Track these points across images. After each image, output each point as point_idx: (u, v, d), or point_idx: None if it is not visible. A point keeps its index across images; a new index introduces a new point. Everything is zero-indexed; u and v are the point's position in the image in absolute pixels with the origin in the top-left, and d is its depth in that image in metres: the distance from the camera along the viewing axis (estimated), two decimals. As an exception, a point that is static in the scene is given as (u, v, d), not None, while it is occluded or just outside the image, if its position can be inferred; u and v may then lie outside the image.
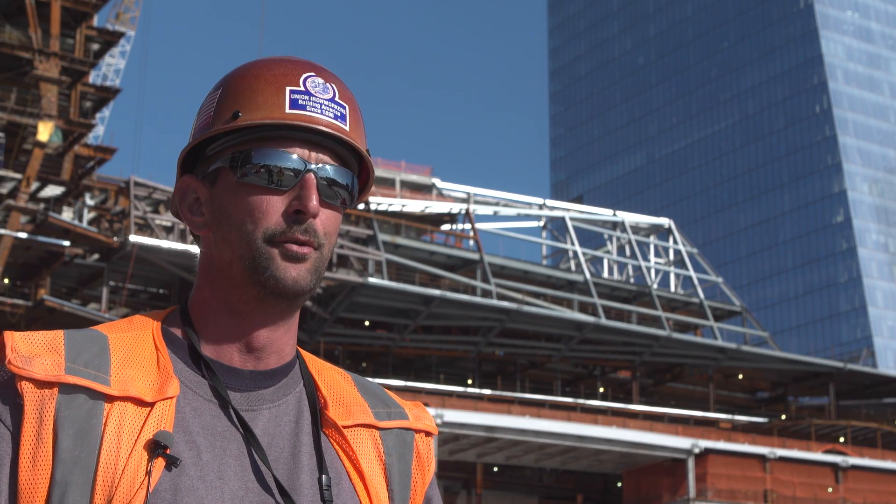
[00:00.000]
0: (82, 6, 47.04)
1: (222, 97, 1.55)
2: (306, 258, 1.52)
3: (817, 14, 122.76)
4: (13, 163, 46.63)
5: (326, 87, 1.55)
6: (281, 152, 1.52)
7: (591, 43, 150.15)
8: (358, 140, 1.56)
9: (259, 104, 1.52)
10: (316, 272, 1.53)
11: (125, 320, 1.58)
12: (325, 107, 1.53)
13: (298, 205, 1.50)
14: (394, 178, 71.56)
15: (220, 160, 1.55)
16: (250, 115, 1.52)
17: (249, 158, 1.52)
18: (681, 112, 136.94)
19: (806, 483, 62.79)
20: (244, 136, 1.53)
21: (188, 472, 1.44)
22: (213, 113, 1.56)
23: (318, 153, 1.53)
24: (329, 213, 1.55)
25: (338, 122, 1.53)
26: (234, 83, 1.56)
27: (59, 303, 45.45)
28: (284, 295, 1.52)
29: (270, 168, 1.51)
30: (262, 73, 1.55)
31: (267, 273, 1.50)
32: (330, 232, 1.55)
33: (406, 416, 1.66)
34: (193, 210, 1.58)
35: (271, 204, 1.51)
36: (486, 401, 62.08)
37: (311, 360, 1.67)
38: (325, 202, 1.54)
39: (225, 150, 1.55)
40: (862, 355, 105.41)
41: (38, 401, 1.44)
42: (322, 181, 1.53)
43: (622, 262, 75.10)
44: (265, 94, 1.52)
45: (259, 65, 1.56)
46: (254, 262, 1.51)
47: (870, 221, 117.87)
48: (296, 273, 1.51)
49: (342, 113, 1.55)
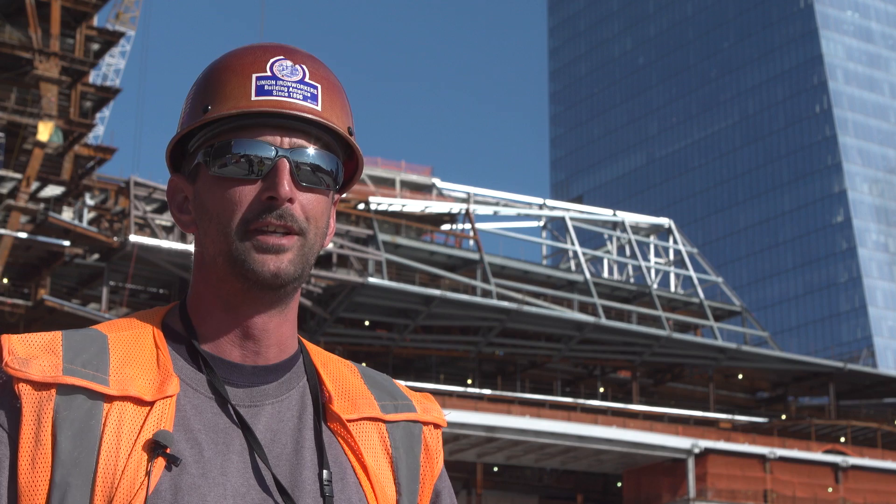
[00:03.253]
0: (82, 6, 47.01)
1: (195, 92, 1.55)
2: (284, 249, 1.49)
3: (817, 14, 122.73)
4: (13, 163, 46.60)
5: (295, 69, 1.52)
6: (252, 141, 1.50)
7: (591, 43, 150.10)
8: (333, 119, 1.53)
9: (227, 95, 1.51)
10: (301, 260, 1.51)
11: (125, 319, 1.57)
12: (292, 89, 1.50)
13: (270, 190, 1.48)
14: (394, 178, 71.56)
15: (198, 156, 1.54)
16: (218, 107, 1.51)
17: (221, 151, 1.50)
18: (681, 112, 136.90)
19: (806, 483, 62.77)
20: (215, 130, 1.52)
21: (190, 471, 1.44)
22: (188, 110, 1.55)
23: (291, 138, 1.51)
24: (311, 196, 1.52)
25: (307, 104, 1.50)
26: (206, 77, 1.55)
27: (59, 303, 45.44)
28: (267, 286, 1.50)
29: (241, 158, 1.49)
30: (231, 64, 1.53)
31: (245, 266, 1.49)
32: (314, 216, 1.52)
33: (414, 408, 1.64)
34: (182, 209, 1.58)
35: (245, 194, 1.49)
36: (486, 401, 62.05)
37: (317, 352, 1.65)
38: (306, 186, 1.51)
39: (201, 145, 1.54)
40: (862, 355, 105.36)
41: (36, 403, 1.43)
42: (301, 165, 1.50)
43: (622, 262, 75.07)
44: (231, 84, 1.51)
45: (230, 56, 1.55)
46: (232, 255, 1.50)
47: (870, 221, 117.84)
48: (275, 265, 1.49)
49: (312, 93, 1.51)
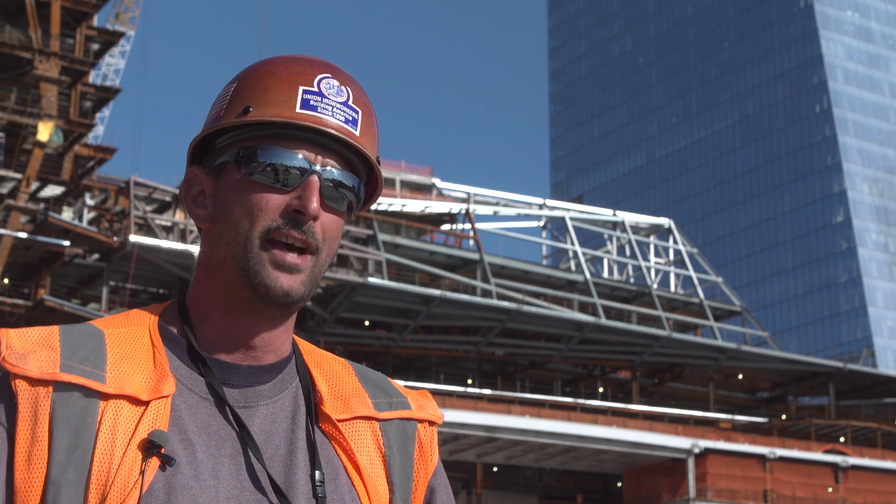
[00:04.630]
0: (82, 6, 47.02)
1: (236, 91, 1.54)
2: (299, 269, 1.49)
3: (817, 14, 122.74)
4: (13, 163, 46.62)
5: (341, 90, 1.52)
6: (287, 152, 1.49)
7: (591, 43, 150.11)
8: (368, 146, 1.53)
9: (270, 101, 1.50)
10: (311, 281, 1.51)
11: (122, 315, 1.56)
12: (336, 110, 1.51)
13: (298, 205, 1.48)
14: (394, 178, 71.55)
15: (227, 154, 1.53)
16: (261, 111, 1.50)
17: (255, 155, 1.50)
18: (681, 112, 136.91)
19: (806, 483, 62.77)
20: (252, 132, 1.51)
21: (183, 472, 1.43)
22: (225, 106, 1.54)
23: (324, 156, 1.51)
24: (331, 217, 1.52)
25: (348, 127, 1.51)
26: (249, 78, 1.54)
27: (59, 303, 45.43)
28: (275, 303, 1.50)
29: (275, 166, 1.49)
30: (278, 71, 1.53)
31: (258, 279, 1.48)
32: (330, 237, 1.52)
33: (408, 405, 1.64)
34: (197, 202, 1.57)
35: (271, 202, 1.49)
36: (486, 401, 62.04)
37: (310, 351, 1.64)
38: (329, 206, 1.51)
39: (232, 144, 1.53)
40: (862, 355, 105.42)
41: (33, 399, 1.43)
42: (327, 184, 1.50)
43: (622, 262, 75.09)
44: (277, 91, 1.51)
45: (276, 62, 1.54)
46: (247, 263, 1.49)
47: (870, 221, 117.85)
48: (287, 284, 1.49)
49: (353, 117, 1.52)
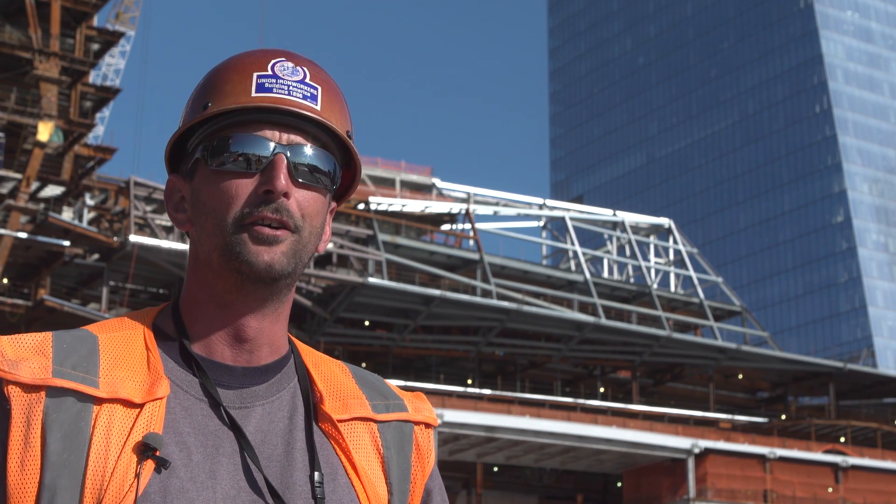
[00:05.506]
0: (82, 6, 47.01)
1: (197, 92, 1.57)
2: (278, 240, 1.50)
3: (817, 14, 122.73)
4: (13, 163, 46.61)
5: (296, 70, 1.54)
6: (250, 136, 1.51)
7: (591, 43, 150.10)
8: (332, 121, 1.54)
9: (227, 92, 1.52)
10: (294, 255, 1.51)
11: (117, 319, 1.57)
12: (293, 88, 1.52)
13: (267, 184, 1.49)
14: (394, 178, 71.54)
15: (196, 153, 1.55)
16: (218, 104, 1.52)
17: (220, 146, 1.52)
18: (681, 112, 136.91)
19: (806, 483, 62.77)
20: (214, 126, 1.53)
21: (178, 474, 1.43)
22: (188, 109, 1.57)
23: (290, 135, 1.52)
24: (307, 193, 1.53)
25: (307, 102, 1.52)
26: (208, 77, 1.57)
27: (59, 303, 45.40)
28: (260, 279, 1.50)
29: (239, 153, 1.51)
30: (233, 64, 1.55)
31: (240, 258, 1.49)
32: (310, 214, 1.52)
33: (405, 407, 1.64)
34: (178, 208, 1.58)
35: (242, 187, 1.50)
36: (486, 401, 62.04)
37: (308, 352, 1.64)
38: (302, 182, 1.52)
39: (200, 142, 1.55)
40: (862, 355, 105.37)
41: (26, 405, 1.43)
42: (298, 163, 1.51)
43: (622, 262, 75.07)
44: (232, 82, 1.53)
45: (232, 57, 1.58)
46: (228, 248, 1.50)
47: (870, 221, 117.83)
48: (269, 257, 1.49)
49: (312, 93, 1.53)
